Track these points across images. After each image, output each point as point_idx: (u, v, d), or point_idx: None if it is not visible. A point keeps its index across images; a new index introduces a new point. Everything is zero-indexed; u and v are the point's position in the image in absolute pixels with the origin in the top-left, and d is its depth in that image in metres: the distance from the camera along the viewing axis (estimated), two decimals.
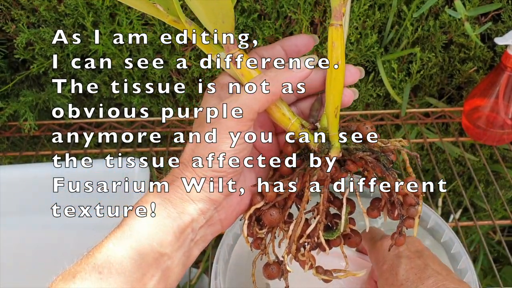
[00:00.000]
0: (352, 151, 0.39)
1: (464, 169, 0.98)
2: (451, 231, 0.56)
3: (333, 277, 0.41)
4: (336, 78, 0.38)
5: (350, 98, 0.40)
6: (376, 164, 0.39)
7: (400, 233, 0.41)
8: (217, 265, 0.51)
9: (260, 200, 0.40)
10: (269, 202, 0.40)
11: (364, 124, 0.40)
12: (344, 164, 0.40)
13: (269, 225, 0.40)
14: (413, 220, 0.40)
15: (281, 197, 0.40)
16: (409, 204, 0.40)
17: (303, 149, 0.40)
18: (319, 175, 0.39)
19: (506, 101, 0.76)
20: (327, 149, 0.39)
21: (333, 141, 0.39)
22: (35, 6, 0.76)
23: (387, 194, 0.40)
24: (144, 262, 0.35)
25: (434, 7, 0.79)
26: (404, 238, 0.41)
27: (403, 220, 0.40)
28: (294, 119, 0.39)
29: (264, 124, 0.42)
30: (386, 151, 0.39)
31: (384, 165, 0.39)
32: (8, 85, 0.83)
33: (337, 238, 0.42)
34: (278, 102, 0.39)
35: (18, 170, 0.72)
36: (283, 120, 0.39)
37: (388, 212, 0.41)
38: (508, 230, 1.07)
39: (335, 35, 0.37)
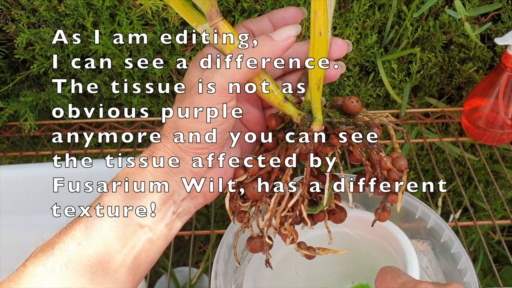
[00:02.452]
0: (336, 125, 0.39)
1: (464, 169, 0.98)
2: (451, 231, 0.56)
3: (315, 253, 0.41)
4: (319, 49, 0.37)
5: (337, 72, 0.39)
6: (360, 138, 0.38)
7: (383, 208, 0.40)
8: (217, 265, 0.51)
9: (243, 174, 0.40)
10: (252, 175, 0.40)
11: (349, 98, 0.39)
12: (327, 138, 0.39)
13: (252, 198, 0.40)
14: (396, 195, 0.39)
15: (264, 171, 0.40)
16: (393, 179, 0.39)
17: (287, 122, 0.40)
18: (302, 149, 0.39)
19: (506, 101, 0.76)
20: (309, 122, 0.38)
21: (315, 114, 0.39)
22: (35, 6, 0.76)
23: (371, 169, 0.40)
24: (124, 233, 0.35)
25: (434, 7, 0.79)
26: (388, 214, 0.40)
27: (387, 195, 0.39)
28: (277, 92, 0.39)
29: (250, 98, 0.42)
30: (371, 125, 0.39)
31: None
32: (8, 85, 0.83)
33: (320, 213, 0.41)
34: (261, 74, 0.38)
35: (18, 170, 0.72)
36: (267, 92, 0.39)
37: (373, 187, 0.40)
38: (508, 230, 1.07)
39: (317, 5, 0.36)
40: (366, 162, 0.39)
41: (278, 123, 0.40)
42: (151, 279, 1.03)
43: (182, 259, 1.11)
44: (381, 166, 0.39)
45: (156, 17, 0.76)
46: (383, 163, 0.39)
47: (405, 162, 0.39)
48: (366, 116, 0.39)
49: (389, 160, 0.39)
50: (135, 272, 0.36)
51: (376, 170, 0.39)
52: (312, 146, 0.39)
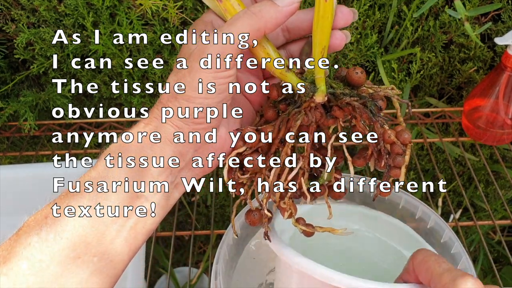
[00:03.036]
0: (339, 96, 0.37)
1: (464, 169, 0.98)
2: (451, 231, 0.56)
3: (313, 230, 0.41)
4: (324, 16, 0.36)
5: (341, 41, 0.37)
6: (363, 110, 0.37)
7: (385, 183, 0.39)
8: (217, 265, 0.51)
9: (243, 145, 0.39)
10: (252, 147, 0.39)
11: (354, 69, 0.38)
12: (330, 110, 0.38)
13: (251, 170, 0.39)
14: (399, 170, 0.38)
15: (264, 143, 0.39)
16: (396, 153, 0.38)
17: (289, 93, 0.39)
18: (303, 120, 0.38)
19: (506, 101, 0.76)
20: (312, 92, 0.37)
21: (318, 84, 0.37)
22: (35, 6, 0.76)
23: (374, 143, 0.38)
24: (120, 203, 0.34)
25: (434, 7, 0.79)
26: (390, 190, 0.40)
27: (389, 169, 0.39)
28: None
29: (251, 68, 0.41)
30: (375, 97, 0.38)
31: (372, 111, 0.37)
32: (8, 85, 0.83)
33: (320, 187, 0.41)
34: (263, 41, 0.37)
35: (18, 170, 0.72)
36: (268, 61, 0.38)
37: (375, 161, 0.39)
38: (508, 230, 1.07)
39: None
40: (369, 137, 0.38)
41: (279, 93, 0.39)
42: (151, 279, 1.03)
43: (182, 259, 1.11)
44: (385, 140, 0.38)
45: (156, 17, 0.76)
46: (386, 136, 0.38)
47: (409, 136, 0.38)
48: (371, 88, 0.38)
49: (393, 133, 0.38)
50: (131, 243, 0.35)
51: (380, 144, 0.38)
52: (314, 118, 0.38)
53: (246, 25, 0.35)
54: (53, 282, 0.32)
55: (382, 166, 0.39)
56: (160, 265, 1.03)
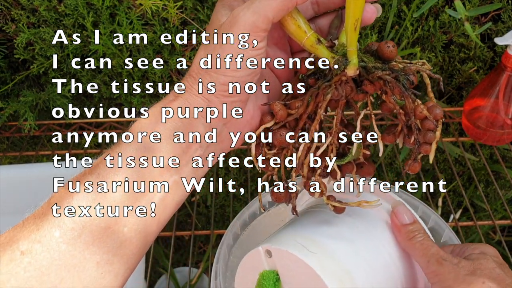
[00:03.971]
0: (371, 70, 0.36)
1: (464, 169, 0.98)
2: (451, 231, 0.56)
3: (346, 204, 0.40)
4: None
5: (372, 14, 0.37)
6: (395, 84, 0.36)
7: (415, 159, 0.39)
8: (217, 265, 0.51)
9: (270, 120, 0.38)
10: (279, 121, 0.38)
11: (386, 43, 0.37)
12: (361, 84, 0.37)
13: (279, 145, 0.39)
14: (429, 146, 0.38)
15: (292, 117, 0.38)
16: (427, 128, 0.37)
17: (318, 67, 0.38)
18: (334, 95, 0.37)
19: (506, 101, 0.76)
20: (343, 65, 0.36)
21: (350, 57, 0.36)
22: (35, 6, 0.76)
23: (404, 118, 0.38)
24: (146, 177, 0.35)
25: (434, 7, 0.79)
26: (419, 165, 0.39)
27: (420, 145, 0.38)
28: (310, 33, 0.37)
29: (279, 42, 0.40)
30: (407, 71, 0.37)
31: (404, 85, 0.37)
32: (8, 85, 0.83)
33: (348, 164, 0.40)
34: (294, 13, 0.36)
35: (18, 170, 0.72)
36: (298, 33, 0.37)
37: (404, 138, 0.39)
38: (508, 230, 1.07)
39: None
40: (399, 111, 0.38)
41: (308, 67, 0.38)
42: (151, 279, 1.03)
43: (182, 259, 1.11)
44: (416, 115, 0.37)
45: (156, 17, 0.76)
46: (418, 111, 0.37)
47: (441, 111, 0.37)
48: (401, 62, 0.37)
49: (425, 108, 0.37)
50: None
51: (411, 119, 0.37)
52: (345, 92, 0.37)
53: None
54: None
55: (412, 143, 0.38)
56: (160, 265, 1.03)
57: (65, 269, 0.31)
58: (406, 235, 0.44)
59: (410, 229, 0.45)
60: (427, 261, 0.42)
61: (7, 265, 0.30)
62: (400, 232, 0.45)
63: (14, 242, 0.31)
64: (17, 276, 0.30)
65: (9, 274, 0.30)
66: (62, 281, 0.31)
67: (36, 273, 0.30)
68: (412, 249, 0.44)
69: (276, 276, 0.42)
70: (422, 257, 0.43)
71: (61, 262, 0.31)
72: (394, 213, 0.46)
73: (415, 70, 0.37)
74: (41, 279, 0.30)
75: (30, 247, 0.31)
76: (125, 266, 0.34)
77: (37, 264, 0.31)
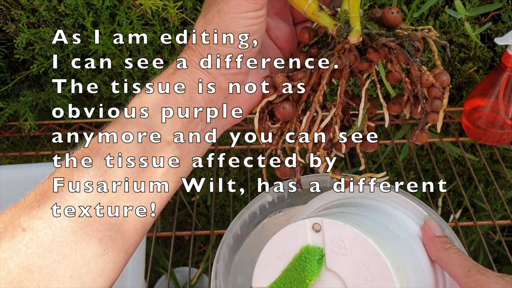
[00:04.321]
0: (375, 37, 0.35)
1: (464, 169, 0.98)
2: (451, 231, 0.56)
3: (352, 179, 0.40)
4: None
5: None
6: (400, 51, 0.35)
7: (422, 129, 0.38)
8: (217, 265, 0.51)
9: (273, 93, 0.38)
10: (282, 94, 0.37)
11: (390, 9, 0.35)
12: (365, 53, 0.36)
13: (282, 119, 0.38)
14: (437, 115, 0.37)
15: (295, 90, 0.37)
16: (434, 96, 0.36)
17: (321, 36, 0.37)
18: (337, 64, 0.36)
19: (506, 101, 0.76)
20: (346, 32, 0.35)
21: (353, 24, 0.35)
22: (35, 6, 0.76)
23: (410, 87, 0.37)
24: (148, 152, 0.34)
25: (434, 7, 0.79)
26: (427, 135, 0.38)
27: (427, 114, 0.37)
28: (311, 0, 0.36)
29: (280, 12, 0.39)
30: (413, 38, 0.35)
31: (409, 52, 0.36)
32: (8, 85, 0.83)
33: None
34: None
35: (18, 170, 0.72)
36: (299, 0, 0.36)
37: (411, 107, 0.38)
38: (508, 230, 1.07)
39: None
40: (405, 79, 0.37)
41: (311, 36, 0.37)
42: (151, 279, 1.03)
43: (182, 259, 1.11)
44: (422, 83, 0.36)
45: (156, 17, 0.76)
46: (424, 79, 0.36)
47: (448, 78, 0.36)
48: (407, 30, 0.36)
49: (431, 75, 0.36)
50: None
51: (417, 87, 0.36)
52: (348, 61, 0.36)
53: None
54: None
55: (419, 112, 0.37)
56: (160, 265, 1.03)
57: (67, 245, 0.31)
58: (441, 245, 0.44)
59: (444, 240, 0.44)
60: (467, 271, 0.41)
61: (9, 242, 0.30)
62: (434, 242, 0.44)
63: (16, 219, 0.32)
64: (19, 252, 0.30)
65: (11, 251, 0.30)
66: (64, 257, 0.31)
67: (38, 249, 0.30)
68: (448, 259, 0.43)
69: (321, 253, 0.39)
70: (460, 266, 0.42)
71: (63, 238, 0.31)
72: (427, 225, 0.46)
73: (421, 36, 0.36)
74: (43, 255, 0.31)
75: (31, 224, 0.31)
76: (128, 243, 0.34)
77: (39, 240, 0.31)
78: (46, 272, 0.31)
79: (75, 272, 0.31)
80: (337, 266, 0.39)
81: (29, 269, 0.30)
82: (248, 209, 0.55)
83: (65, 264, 0.31)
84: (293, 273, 0.40)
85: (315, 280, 0.39)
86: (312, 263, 0.39)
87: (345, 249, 0.38)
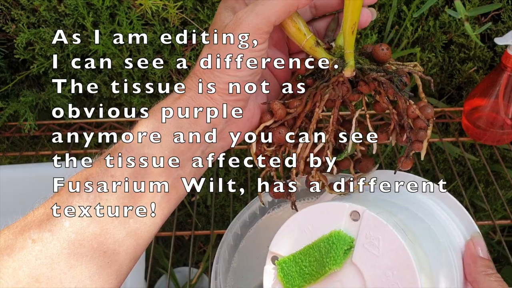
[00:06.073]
0: (366, 72, 0.39)
1: (464, 169, 0.98)
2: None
3: (349, 189, 0.42)
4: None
5: (367, 18, 0.39)
6: (389, 85, 0.38)
7: (407, 156, 0.40)
8: (217, 265, 0.51)
9: (270, 118, 0.40)
10: (279, 120, 0.40)
11: (380, 45, 0.39)
12: (356, 85, 0.39)
13: (277, 143, 0.41)
14: (421, 144, 0.39)
15: (291, 116, 0.40)
16: (419, 127, 0.39)
17: (317, 68, 0.40)
18: (331, 95, 0.39)
19: (506, 101, 0.76)
20: (341, 67, 0.38)
21: (347, 59, 0.38)
22: (35, 6, 0.76)
23: (397, 117, 0.40)
24: (147, 175, 0.35)
25: (434, 7, 0.79)
26: (411, 162, 0.40)
27: (412, 143, 0.40)
28: (309, 35, 0.39)
29: (278, 43, 0.41)
30: (400, 73, 0.39)
31: (397, 86, 0.39)
32: (8, 85, 0.83)
33: (345, 160, 0.42)
34: (295, 16, 0.38)
35: (18, 170, 0.72)
36: (298, 35, 0.39)
37: (397, 136, 0.41)
38: (508, 230, 1.07)
39: None
40: (393, 111, 0.39)
41: (307, 68, 0.40)
42: (151, 279, 1.03)
43: (182, 259, 1.11)
44: (408, 114, 0.39)
45: (156, 17, 0.76)
46: (410, 111, 0.38)
47: (432, 111, 0.39)
48: (394, 64, 0.39)
49: (417, 108, 0.39)
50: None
51: (403, 118, 0.39)
52: (341, 92, 0.39)
53: (280, 1, 0.35)
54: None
55: (404, 140, 0.40)
56: (160, 265, 1.03)
57: (74, 257, 0.33)
58: (483, 268, 0.41)
59: (488, 264, 0.41)
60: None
61: (19, 253, 0.32)
62: (476, 263, 0.41)
63: (26, 230, 0.33)
64: (28, 263, 0.32)
65: (21, 261, 0.32)
66: (71, 268, 0.33)
67: (47, 260, 0.32)
68: (487, 285, 0.40)
69: (350, 244, 0.37)
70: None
71: (70, 250, 0.33)
72: (474, 242, 0.43)
73: (408, 71, 0.39)
74: (51, 266, 0.32)
75: (41, 236, 0.32)
76: (130, 257, 0.36)
77: (47, 252, 0.32)
78: (53, 282, 0.32)
79: (79, 284, 0.33)
80: (363, 264, 0.36)
81: (37, 279, 0.32)
82: (248, 209, 0.55)
83: (71, 275, 0.33)
84: (316, 254, 0.37)
85: (336, 270, 0.36)
86: (339, 251, 0.36)
87: (378, 250, 0.36)
